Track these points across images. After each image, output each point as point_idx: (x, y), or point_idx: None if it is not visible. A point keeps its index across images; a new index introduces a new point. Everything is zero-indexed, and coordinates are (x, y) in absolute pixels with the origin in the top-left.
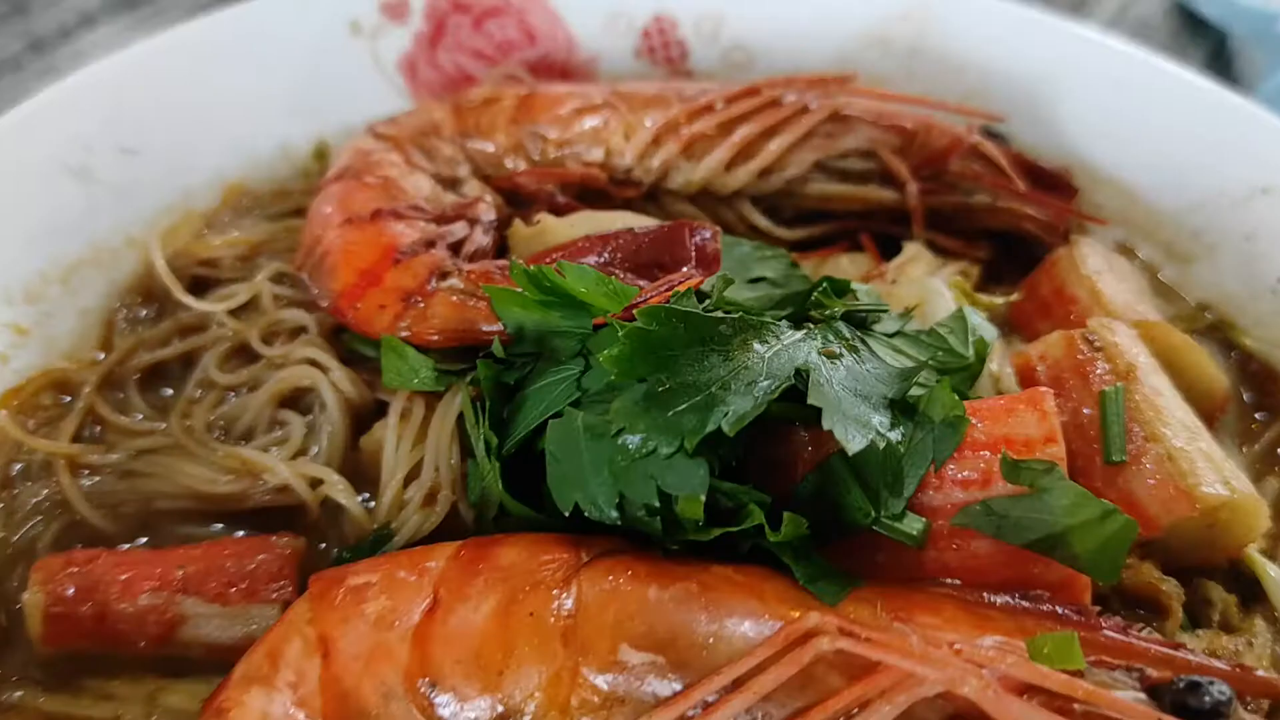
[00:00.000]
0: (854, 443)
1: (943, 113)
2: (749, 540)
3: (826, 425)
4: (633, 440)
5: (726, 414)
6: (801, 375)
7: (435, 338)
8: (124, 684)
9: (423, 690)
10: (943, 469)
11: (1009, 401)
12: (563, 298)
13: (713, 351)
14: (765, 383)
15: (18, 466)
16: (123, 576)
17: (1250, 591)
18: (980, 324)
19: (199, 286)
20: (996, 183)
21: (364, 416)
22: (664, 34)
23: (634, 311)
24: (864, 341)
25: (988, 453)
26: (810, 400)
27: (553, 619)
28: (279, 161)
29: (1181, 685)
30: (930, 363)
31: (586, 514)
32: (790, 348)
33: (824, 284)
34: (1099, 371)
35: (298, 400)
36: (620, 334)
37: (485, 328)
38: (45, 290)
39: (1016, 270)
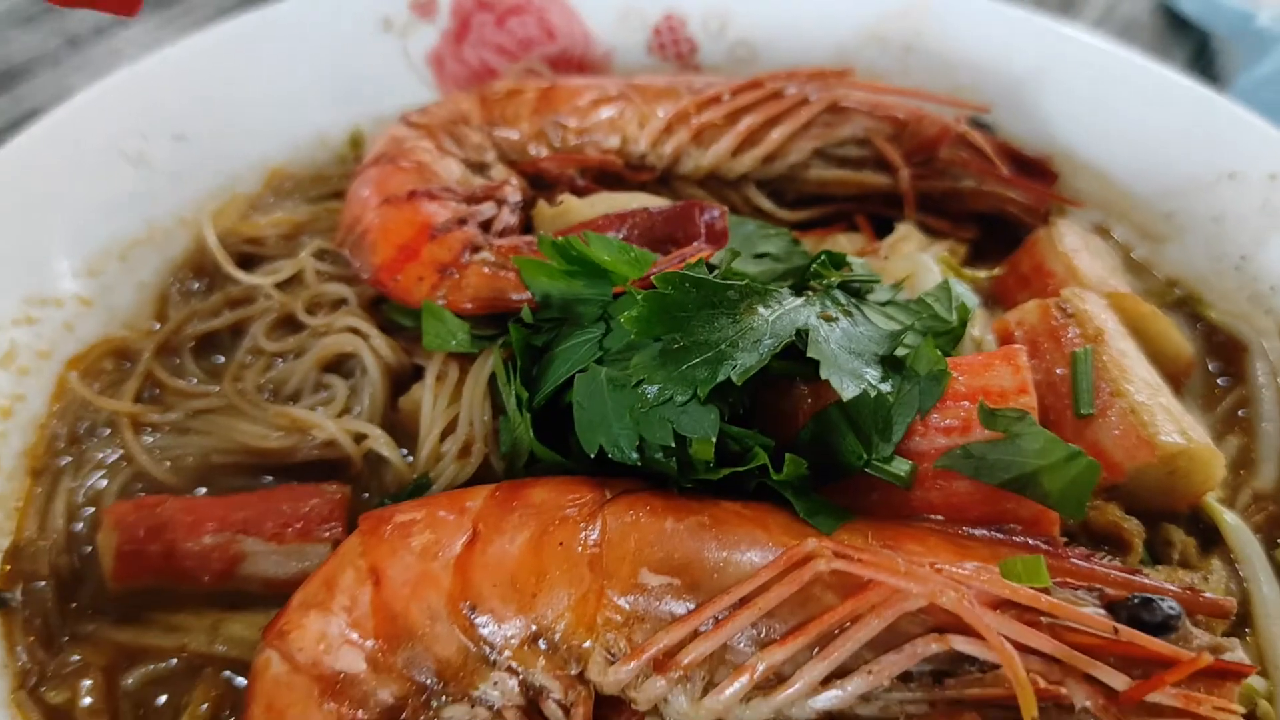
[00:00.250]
0: (848, 391)
1: (933, 105)
2: (754, 480)
3: (824, 375)
4: (651, 390)
5: (735, 366)
6: (801, 335)
7: (469, 306)
8: (188, 616)
9: (464, 612)
10: (927, 417)
11: (986, 358)
12: (586, 267)
13: (722, 314)
14: (769, 341)
15: (84, 425)
16: (188, 519)
17: (1209, 537)
18: (963, 292)
19: (245, 263)
20: (982, 168)
21: (401, 380)
22: (674, 31)
23: (651, 278)
24: (858, 307)
25: (967, 403)
26: (809, 354)
27: (580, 548)
28: (317, 149)
29: (1136, 601)
30: (917, 325)
31: (610, 456)
32: (791, 311)
33: (822, 257)
34: (1070, 335)
35: (340, 365)
36: (639, 298)
37: (515, 296)
38: (106, 265)
39: (1000, 249)
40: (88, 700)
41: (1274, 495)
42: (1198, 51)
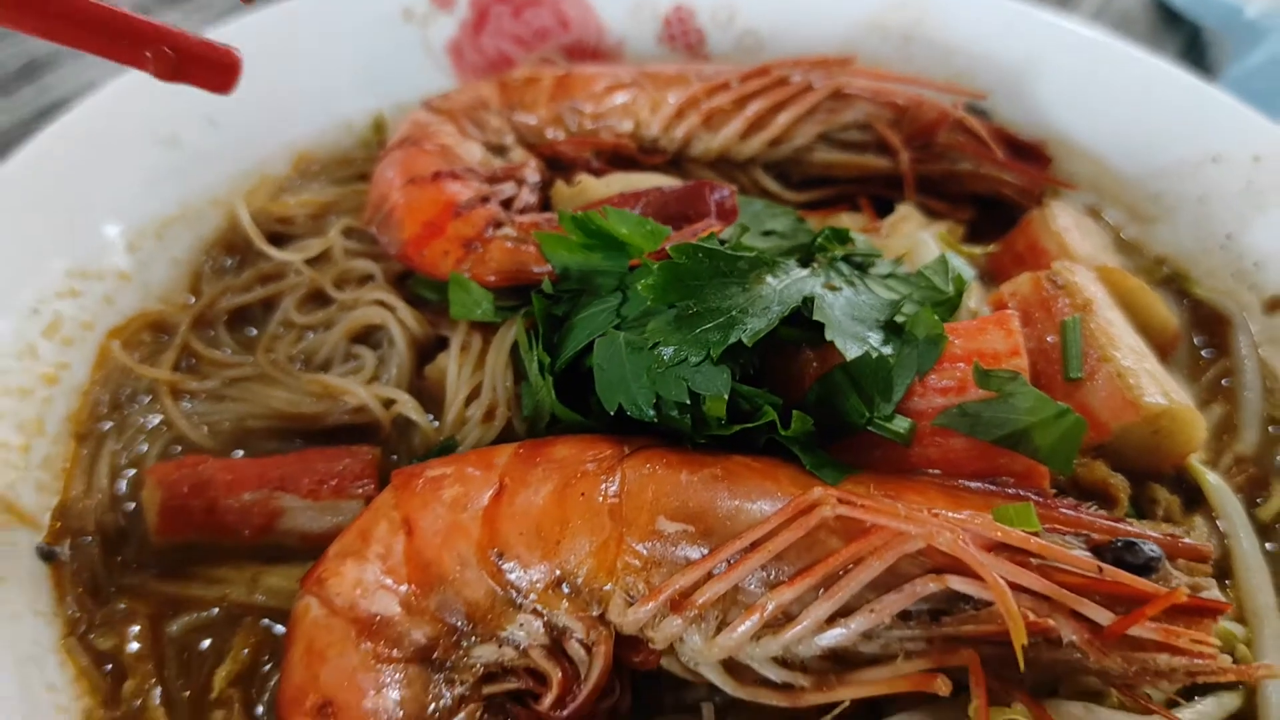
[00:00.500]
0: (850, 352)
1: (932, 91)
2: (764, 435)
3: (828, 338)
4: (667, 351)
5: (745, 330)
6: (808, 302)
7: (492, 278)
8: (229, 570)
9: (492, 559)
10: (925, 378)
11: (980, 322)
12: (604, 240)
13: (733, 283)
14: (777, 308)
15: (125, 391)
16: (228, 477)
17: (1193, 497)
18: (960, 265)
19: (275, 241)
20: (978, 152)
21: (426, 350)
22: (683, 22)
23: (667, 249)
24: (861, 279)
25: (963, 364)
26: (815, 318)
27: (601, 498)
28: (342, 134)
29: (1120, 545)
30: (915, 295)
31: (629, 414)
32: (798, 281)
33: (827, 232)
34: (1061, 305)
35: (368, 337)
36: (655, 268)
37: (536, 269)
38: (143, 242)
39: (996, 230)
40: (134, 645)
41: (1254, 458)
42: (1189, 44)
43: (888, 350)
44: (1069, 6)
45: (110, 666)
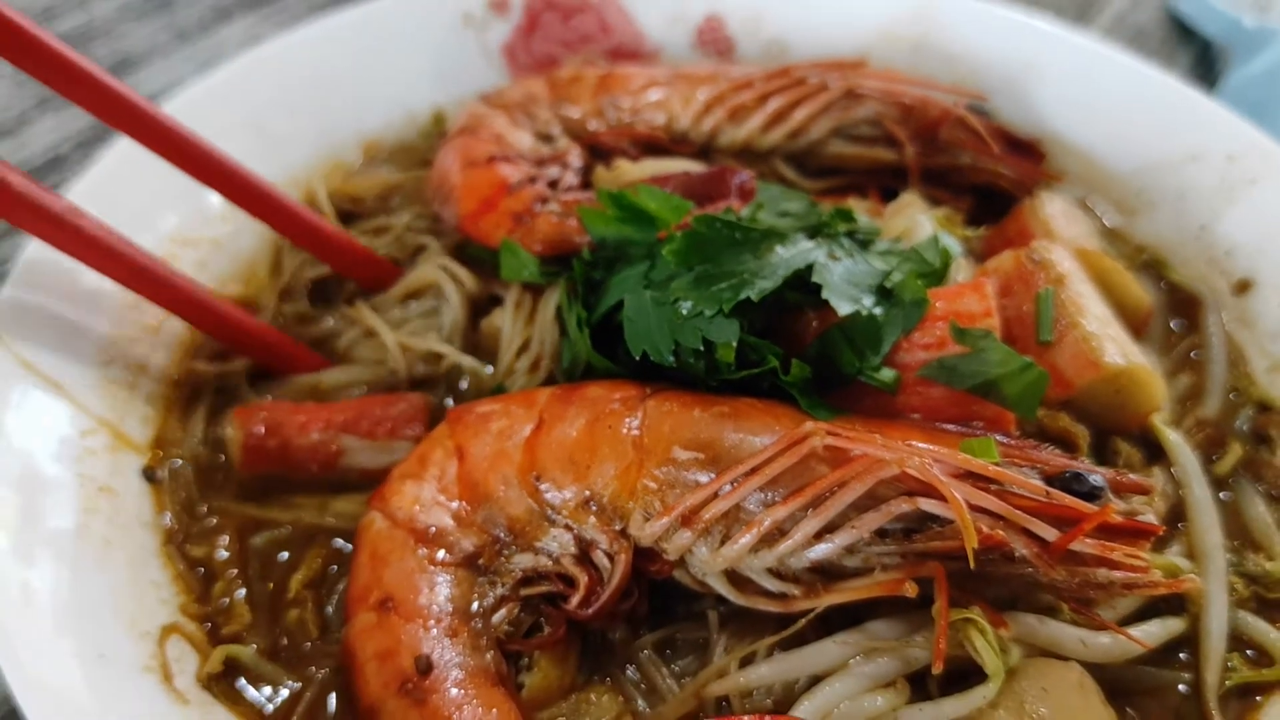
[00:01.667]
0: (844, 309)
1: (937, 93)
2: (767, 380)
3: (824, 296)
4: (686, 306)
5: (754, 289)
6: (810, 267)
7: (539, 248)
8: (302, 497)
9: (531, 481)
10: (910, 335)
11: (959, 288)
12: (636, 214)
13: (745, 251)
14: (782, 271)
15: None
16: (299, 419)
17: (1156, 454)
18: (949, 243)
19: (345, 219)
20: (977, 146)
21: (479, 307)
22: (714, 30)
23: (690, 220)
24: (860, 252)
25: (942, 324)
26: (814, 279)
27: (625, 431)
28: (406, 124)
29: (1069, 475)
30: (906, 265)
31: (652, 359)
32: (804, 251)
33: (834, 211)
34: (1038, 278)
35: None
36: (679, 235)
37: (576, 239)
38: (234, 214)
39: (993, 220)
40: (222, 554)
41: (1215, 421)
42: (1200, 56)
43: (878, 310)
44: (1086, 19)
45: (202, 570)
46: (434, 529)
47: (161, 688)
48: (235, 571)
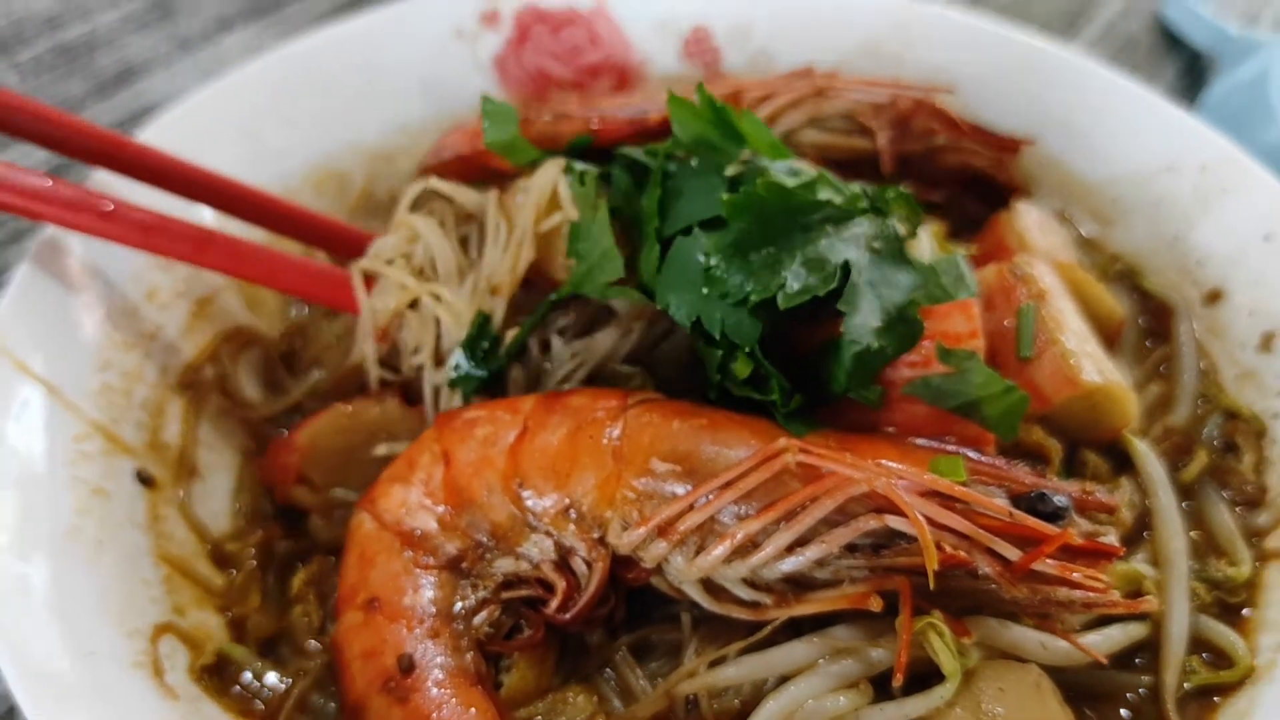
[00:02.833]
0: (861, 338)
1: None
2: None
3: (840, 307)
4: (716, 267)
5: (785, 287)
6: (845, 268)
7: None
8: None
9: (514, 487)
10: None
11: (946, 308)
12: (727, 126)
13: (797, 231)
14: (815, 280)
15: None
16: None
17: (1125, 464)
18: (966, 274)
19: None
20: (950, 131)
21: None
22: (701, 41)
23: (759, 184)
24: (896, 249)
25: (928, 343)
26: (841, 305)
27: (606, 441)
28: (399, 135)
29: (1035, 495)
30: (922, 294)
31: (670, 314)
32: (846, 241)
33: (900, 194)
34: (1019, 293)
35: None
36: (743, 190)
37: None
38: (227, 224)
39: (971, 230)
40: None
41: (1184, 430)
42: (1189, 65)
43: (884, 343)
44: (1075, 30)
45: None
46: (419, 532)
47: (151, 683)
48: (255, 562)
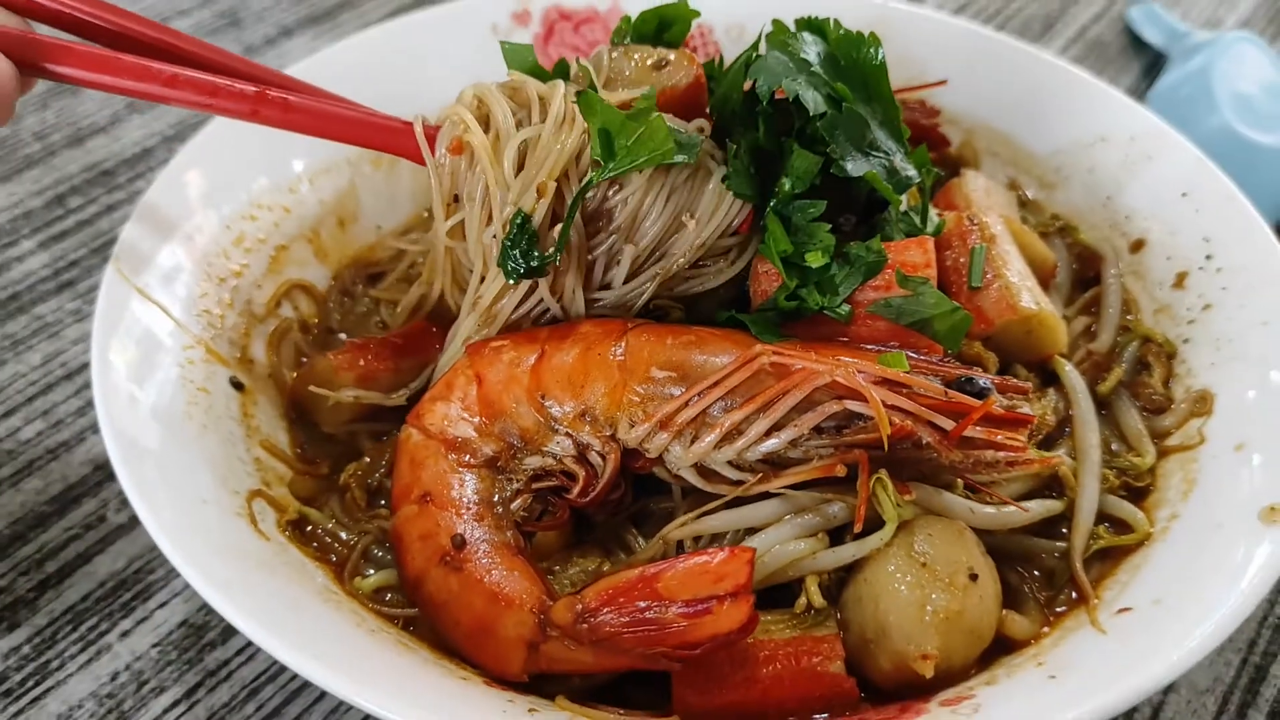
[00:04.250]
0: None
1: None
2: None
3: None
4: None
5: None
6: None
7: None
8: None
9: (538, 399)
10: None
11: (906, 243)
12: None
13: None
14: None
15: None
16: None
17: (1051, 381)
18: (933, 218)
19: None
20: None
21: None
22: (703, 36)
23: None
24: None
25: (890, 271)
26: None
27: (612, 357)
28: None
29: (964, 380)
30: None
31: (760, 95)
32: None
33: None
34: (973, 237)
35: None
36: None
37: None
38: (299, 186)
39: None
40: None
41: (1105, 354)
42: (1151, 62)
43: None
44: (1049, 35)
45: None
46: (460, 439)
47: (250, 529)
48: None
